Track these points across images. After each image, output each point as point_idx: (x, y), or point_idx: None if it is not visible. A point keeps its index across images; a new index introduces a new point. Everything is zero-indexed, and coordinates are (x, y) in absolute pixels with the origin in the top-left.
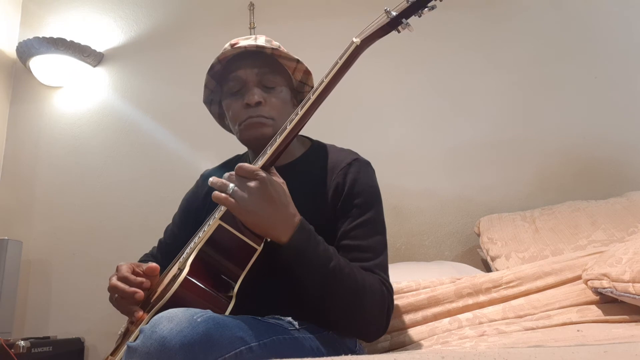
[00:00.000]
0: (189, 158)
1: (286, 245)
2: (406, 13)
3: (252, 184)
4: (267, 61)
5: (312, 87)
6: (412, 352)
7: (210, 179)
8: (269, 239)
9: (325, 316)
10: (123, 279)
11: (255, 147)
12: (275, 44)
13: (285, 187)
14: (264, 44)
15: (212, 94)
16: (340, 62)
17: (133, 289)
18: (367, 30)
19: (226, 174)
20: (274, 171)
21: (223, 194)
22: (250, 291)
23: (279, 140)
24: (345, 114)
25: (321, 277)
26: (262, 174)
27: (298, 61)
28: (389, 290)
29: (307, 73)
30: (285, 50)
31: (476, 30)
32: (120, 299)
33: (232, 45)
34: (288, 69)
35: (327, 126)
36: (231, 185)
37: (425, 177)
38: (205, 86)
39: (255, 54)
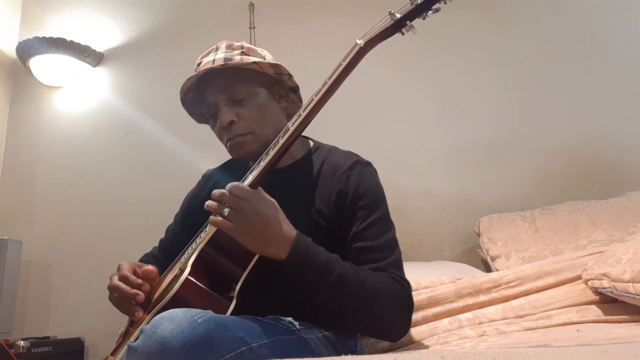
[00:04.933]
0: (189, 158)
1: (285, 262)
2: (410, 15)
3: (246, 205)
4: (229, 74)
5: (289, 75)
6: (412, 352)
7: (207, 203)
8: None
9: (340, 323)
10: (123, 279)
11: (248, 159)
12: (237, 45)
13: (277, 205)
14: (222, 55)
15: (203, 116)
16: (344, 64)
17: (134, 290)
18: (371, 32)
19: (217, 192)
20: (262, 191)
21: (219, 218)
22: (251, 292)
23: (281, 141)
24: (346, 114)
25: (327, 287)
26: (256, 193)
27: (254, 62)
28: (404, 286)
29: (274, 66)
30: (239, 59)
31: (476, 30)
32: (120, 299)
33: (197, 65)
34: (254, 68)
35: (327, 126)
36: (226, 209)
37: (425, 177)
38: (191, 114)
39: (214, 71)
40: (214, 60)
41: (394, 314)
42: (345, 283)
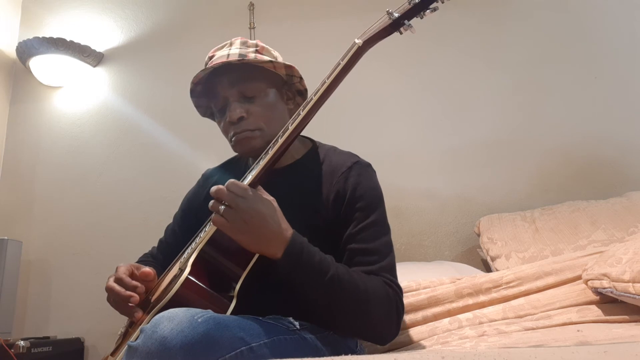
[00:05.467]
0: (189, 158)
1: (280, 261)
2: (408, 15)
3: (243, 202)
4: (243, 69)
5: (300, 78)
6: (412, 352)
7: (211, 203)
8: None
9: (332, 324)
10: (118, 281)
11: (250, 157)
12: (252, 43)
13: (275, 204)
14: (237, 51)
15: (208, 109)
16: (343, 63)
17: (128, 292)
18: (369, 31)
19: (215, 188)
20: (262, 189)
21: (215, 215)
22: (251, 291)
23: (280, 140)
24: (346, 114)
25: (320, 287)
26: (253, 191)
27: (271, 61)
28: (395, 291)
29: (288, 67)
30: (253, 56)
31: (476, 30)
32: (116, 300)
33: (209, 58)
34: (268, 67)
35: (327, 126)
36: (222, 206)
37: (425, 177)
38: (197, 106)
39: (229, 65)
40: (228, 54)
41: (384, 318)
42: (338, 284)
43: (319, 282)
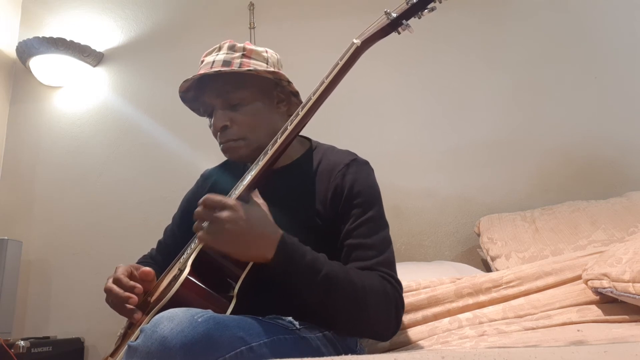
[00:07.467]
0: (189, 158)
1: (271, 264)
2: (406, 15)
3: (223, 214)
4: (226, 78)
5: (288, 82)
6: (412, 352)
7: (194, 225)
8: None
9: (330, 323)
10: (116, 281)
11: (242, 162)
12: (239, 47)
13: (265, 207)
14: (222, 57)
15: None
16: (341, 63)
17: (127, 294)
18: (368, 31)
19: (196, 210)
20: (256, 193)
21: (201, 233)
22: (250, 291)
23: (279, 141)
24: (345, 114)
25: (314, 286)
26: (231, 202)
27: (250, 70)
28: (393, 286)
29: (272, 73)
30: (239, 62)
31: (476, 30)
32: (115, 301)
33: (201, 62)
34: (254, 72)
35: (327, 127)
36: (204, 223)
37: (425, 177)
38: (192, 109)
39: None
40: (213, 61)
41: (382, 313)
42: (332, 283)
43: (313, 281)
